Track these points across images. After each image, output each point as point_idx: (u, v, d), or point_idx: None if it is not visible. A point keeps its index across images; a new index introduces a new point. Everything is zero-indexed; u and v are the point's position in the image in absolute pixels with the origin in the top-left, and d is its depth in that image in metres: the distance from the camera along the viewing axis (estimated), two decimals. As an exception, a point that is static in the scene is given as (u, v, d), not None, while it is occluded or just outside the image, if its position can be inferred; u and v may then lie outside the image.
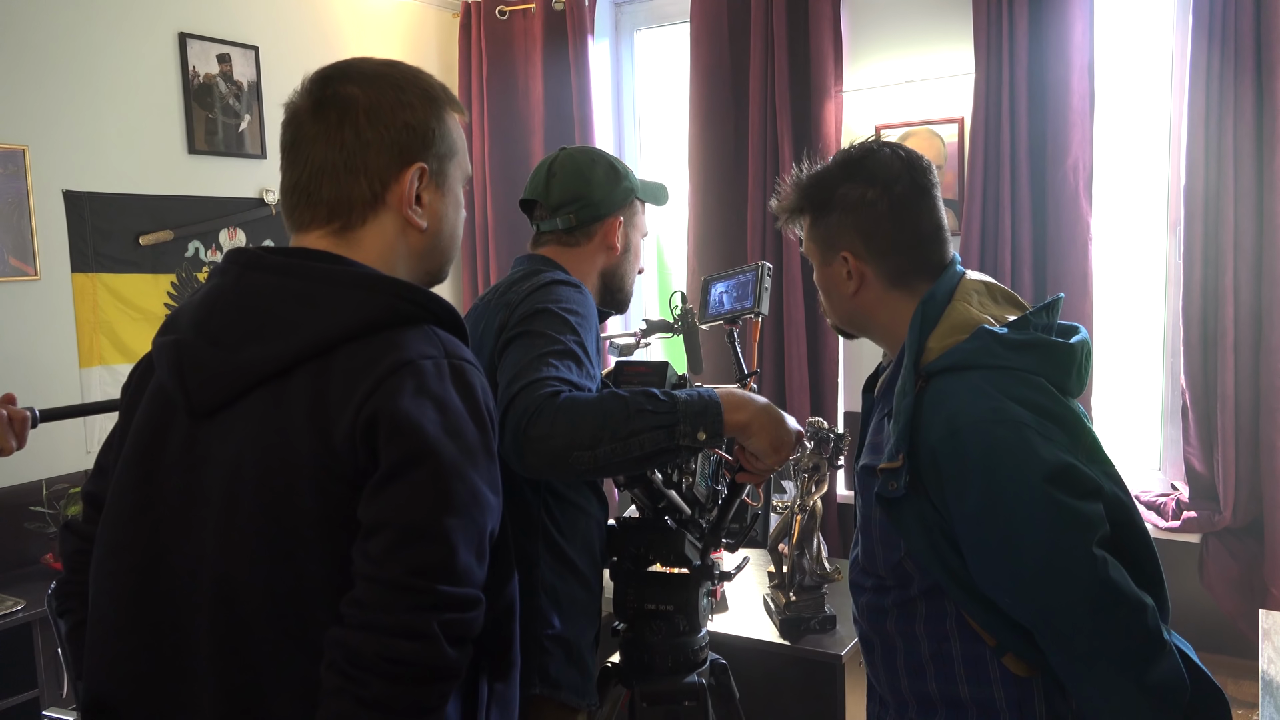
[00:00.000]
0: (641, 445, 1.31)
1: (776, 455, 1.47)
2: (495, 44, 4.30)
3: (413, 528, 0.97)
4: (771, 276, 1.90)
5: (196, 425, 1.07)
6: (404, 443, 0.98)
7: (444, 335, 1.08)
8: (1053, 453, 1.17)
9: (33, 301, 3.06)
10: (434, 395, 1.01)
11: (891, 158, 1.35)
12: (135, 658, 1.06)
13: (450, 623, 0.97)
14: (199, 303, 1.11)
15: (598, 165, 1.72)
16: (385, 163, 1.11)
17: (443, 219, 1.18)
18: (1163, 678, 1.16)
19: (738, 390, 1.45)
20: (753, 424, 1.43)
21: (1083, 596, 1.15)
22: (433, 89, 1.16)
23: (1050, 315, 1.32)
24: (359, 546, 0.98)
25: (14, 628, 2.64)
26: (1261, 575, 3.22)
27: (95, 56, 3.20)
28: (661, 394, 1.34)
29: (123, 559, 1.08)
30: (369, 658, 0.94)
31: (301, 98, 1.13)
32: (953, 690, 1.28)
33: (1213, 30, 3.06)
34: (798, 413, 3.72)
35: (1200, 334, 3.20)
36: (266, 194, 3.71)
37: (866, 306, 1.38)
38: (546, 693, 1.53)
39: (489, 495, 1.04)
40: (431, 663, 0.96)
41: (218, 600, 1.02)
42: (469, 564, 1.00)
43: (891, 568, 1.32)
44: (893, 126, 3.68)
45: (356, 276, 1.07)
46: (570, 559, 1.58)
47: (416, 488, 0.98)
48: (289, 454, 1.01)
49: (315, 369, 1.02)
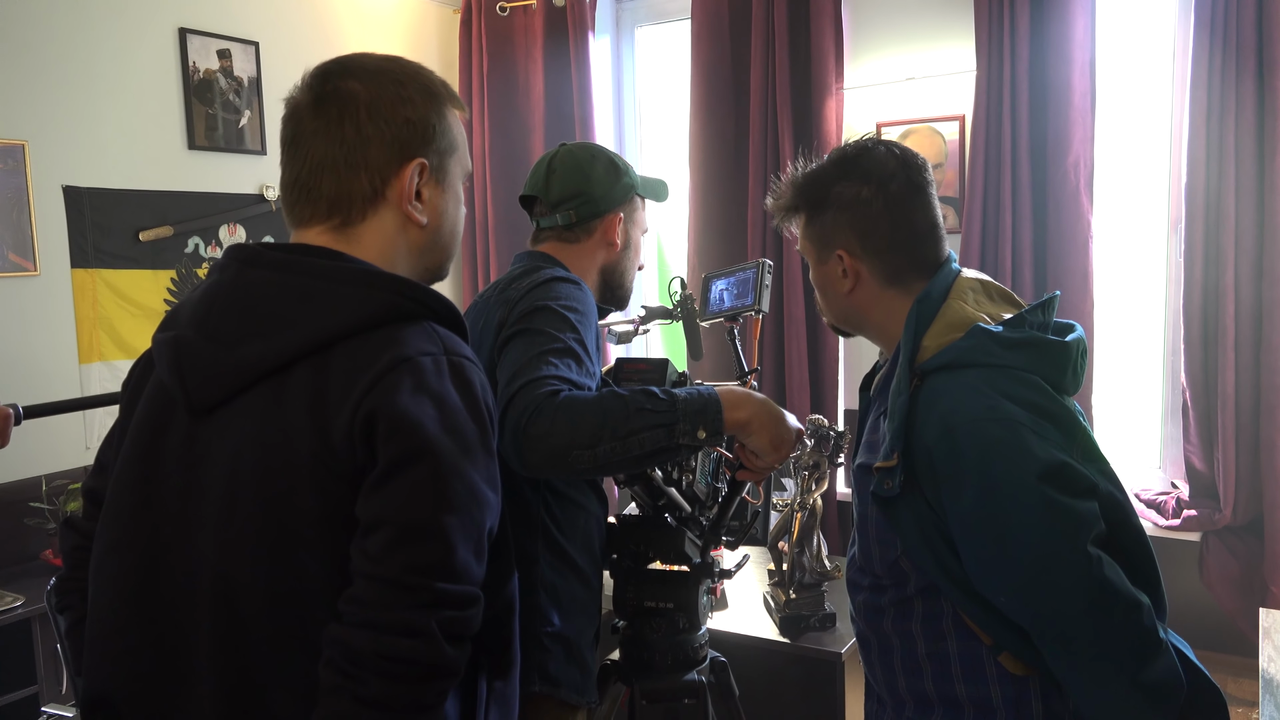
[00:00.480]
0: (641, 444, 1.30)
1: (777, 453, 1.47)
2: (496, 40, 4.29)
3: (411, 525, 0.97)
4: (772, 274, 1.90)
5: (196, 422, 1.06)
6: (402, 440, 0.98)
7: (443, 332, 1.08)
8: (1047, 451, 1.17)
9: (32, 297, 3.05)
10: (433, 392, 1.01)
11: (886, 155, 1.35)
12: (135, 655, 1.06)
13: (448, 620, 0.97)
14: (198, 299, 1.10)
15: (598, 161, 1.71)
16: (386, 158, 1.11)
17: (443, 215, 1.18)
18: (1159, 676, 1.16)
19: (737, 388, 1.45)
20: (753, 422, 1.42)
21: (1078, 595, 1.15)
22: (433, 85, 1.16)
23: (1046, 313, 1.32)
24: (357, 544, 0.98)
25: (13, 624, 2.64)
26: (1261, 574, 3.22)
27: (95, 52, 3.19)
28: (661, 392, 1.34)
29: (123, 557, 1.08)
30: (367, 656, 0.94)
31: (302, 93, 1.12)
32: (949, 689, 1.28)
33: (1214, 28, 3.05)
34: (798, 410, 3.72)
35: (1201, 332, 3.20)
36: (267, 189, 3.70)
37: (862, 305, 1.38)
38: (546, 690, 1.53)
39: (488, 493, 1.03)
40: (430, 660, 0.96)
41: (217, 598, 1.01)
42: (467, 562, 0.99)
43: (888, 566, 1.32)
44: (894, 124, 3.67)
45: (356, 273, 1.06)
46: (570, 556, 1.58)
47: (415, 485, 0.98)
48: (288, 451, 1.00)
49: (314, 366, 1.02)
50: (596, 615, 1.66)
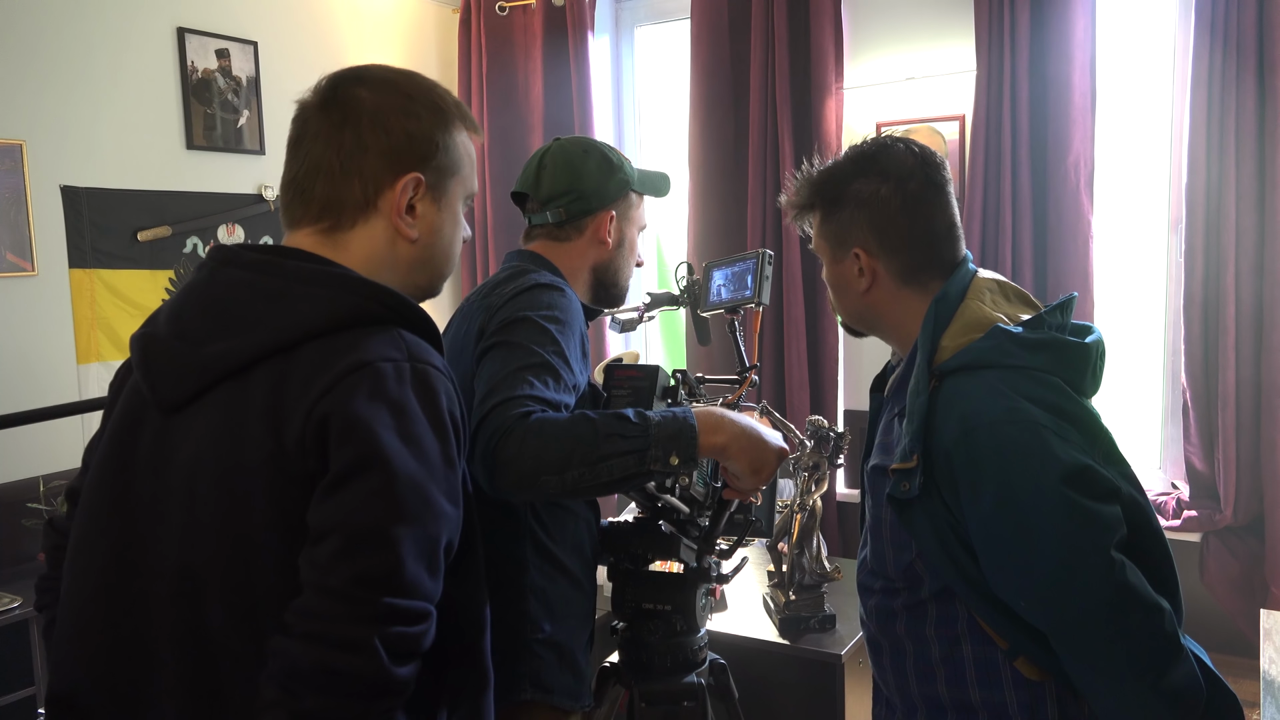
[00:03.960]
0: (610, 471, 1.27)
1: (756, 478, 1.43)
2: (495, 40, 4.28)
3: (359, 535, 0.93)
4: (772, 265, 1.84)
5: (166, 421, 1.05)
6: (355, 446, 0.95)
7: (410, 338, 1.05)
8: (1070, 454, 1.16)
9: (30, 297, 3.05)
10: (391, 399, 0.98)
11: (905, 153, 1.33)
12: (100, 654, 1.05)
13: (395, 637, 0.93)
14: (175, 298, 1.10)
15: (590, 156, 1.67)
16: (380, 168, 1.10)
17: (436, 233, 1.16)
18: (1179, 682, 1.15)
19: (717, 410, 1.41)
20: (730, 447, 1.39)
21: (1100, 601, 1.13)
22: (443, 102, 1.15)
23: (1064, 315, 1.31)
24: (306, 552, 0.95)
25: (11, 624, 2.63)
26: (1262, 574, 3.21)
27: (93, 51, 3.18)
28: (635, 416, 1.31)
29: (93, 554, 1.07)
30: (306, 670, 0.90)
31: (312, 95, 1.13)
32: (963, 694, 1.27)
33: (1215, 28, 3.05)
34: (797, 411, 3.71)
35: (1201, 332, 3.20)
36: (265, 189, 3.69)
37: (878, 304, 1.36)
38: (538, 698, 1.51)
39: (444, 505, 1.00)
40: (370, 678, 0.92)
41: (180, 598, 1.00)
42: (418, 576, 0.95)
43: (902, 570, 1.30)
44: (894, 124, 3.67)
45: (328, 275, 1.05)
46: (560, 560, 1.56)
47: (366, 493, 0.94)
48: (244, 453, 0.99)
49: (276, 366, 1.00)
50: (590, 618, 1.64)
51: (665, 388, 1.56)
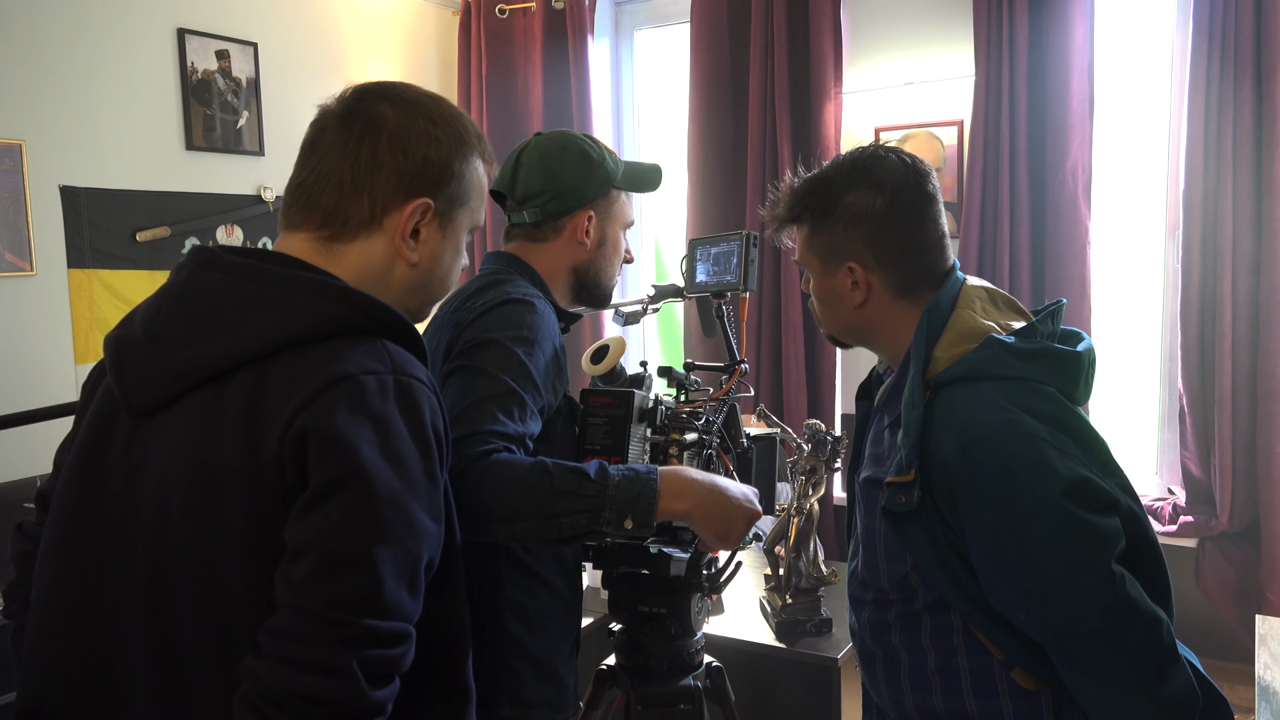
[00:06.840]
0: (560, 529, 1.25)
1: (723, 543, 1.40)
2: (495, 43, 4.29)
3: (338, 554, 0.90)
4: (758, 248, 1.75)
5: (138, 426, 1.02)
6: (335, 462, 0.92)
7: (394, 349, 1.02)
8: (1069, 467, 1.15)
9: (29, 297, 3.04)
10: (373, 414, 0.95)
11: (898, 164, 1.31)
12: (70, 665, 1.02)
13: (372, 659, 0.90)
14: (152, 300, 1.06)
15: (568, 153, 1.61)
16: (393, 188, 1.09)
17: (436, 260, 1.15)
18: (1176, 692, 1.15)
19: (684, 473, 1.36)
20: (693, 513, 1.35)
21: (1100, 614, 1.13)
22: (466, 132, 1.14)
23: (1054, 322, 1.30)
24: (282, 570, 0.92)
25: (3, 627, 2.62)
26: (1258, 580, 3.22)
27: (93, 51, 3.18)
28: (596, 473, 1.27)
29: (62, 561, 1.04)
30: (279, 693, 0.87)
31: (336, 103, 1.11)
32: (959, 704, 1.26)
33: (1213, 35, 3.06)
34: (795, 415, 3.72)
35: (1198, 338, 3.20)
36: (264, 191, 3.69)
37: (871, 317, 1.34)
38: (516, 713, 1.49)
39: (426, 522, 0.97)
40: (347, 702, 0.89)
41: (150, 610, 0.97)
42: (397, 597, 0.92)
43: (896, 582, 1.29)
44: (892, 129, 3.67)
45: (309, 282, 1.01)
46: (538, 574, 1.52)
47: (345, 511, 0.91)
48: (217, 463, 0.95)
49: (254, 375, 0.97)
50: (574, 626, 1.61)
51: (643, 410, 1.50)
